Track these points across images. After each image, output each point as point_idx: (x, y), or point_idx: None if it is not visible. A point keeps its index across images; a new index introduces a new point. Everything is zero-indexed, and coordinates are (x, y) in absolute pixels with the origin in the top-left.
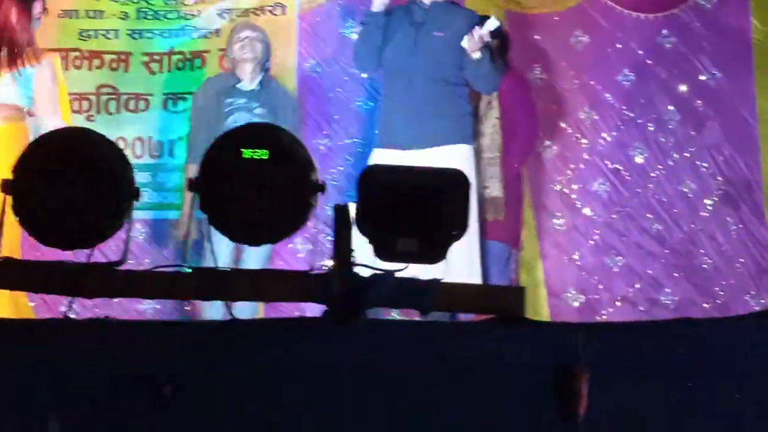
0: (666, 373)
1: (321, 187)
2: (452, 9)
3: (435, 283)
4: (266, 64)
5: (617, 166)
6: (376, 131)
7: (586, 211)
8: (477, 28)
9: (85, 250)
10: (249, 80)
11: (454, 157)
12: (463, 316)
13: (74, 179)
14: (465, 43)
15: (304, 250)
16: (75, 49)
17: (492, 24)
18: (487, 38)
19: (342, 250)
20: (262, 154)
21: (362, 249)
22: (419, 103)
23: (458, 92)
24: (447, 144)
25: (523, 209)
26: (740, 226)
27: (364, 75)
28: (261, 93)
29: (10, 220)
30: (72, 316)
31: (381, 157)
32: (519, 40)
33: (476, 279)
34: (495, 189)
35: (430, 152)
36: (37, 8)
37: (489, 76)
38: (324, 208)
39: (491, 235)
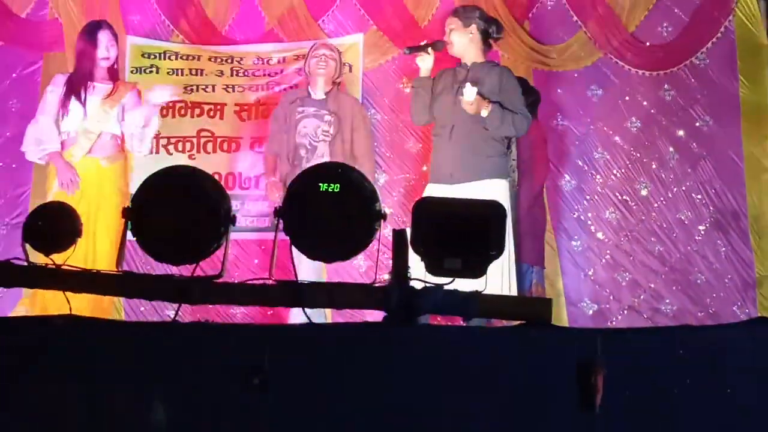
0: (668, 370)
1: (383, 216)
2: (488, 67)
3: (476, 294)
4: (338, 78)
5: (626, 197)
6: (424, 168)
7: (600, 234)
8: (460, 98)
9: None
10: (319, 91)
11: (492, 189)
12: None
13: (182, 208)
14: (465, 108)
15: (365, 265)
16: (181, 101)
17: (468, 92)
18: (476, 103)
19: (399, 266)
20: (334, 187)
21: (416, 266)
22: (461, 146)
23: (493, 135)
24: (486, 179)
25: (543, 231)
26: (729, 247)
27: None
28: (328, 101)
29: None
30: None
31: (433, 190)
32: (545, 93)
33: (508, 291)
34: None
35: (472, 185)
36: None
37: (506, 123)
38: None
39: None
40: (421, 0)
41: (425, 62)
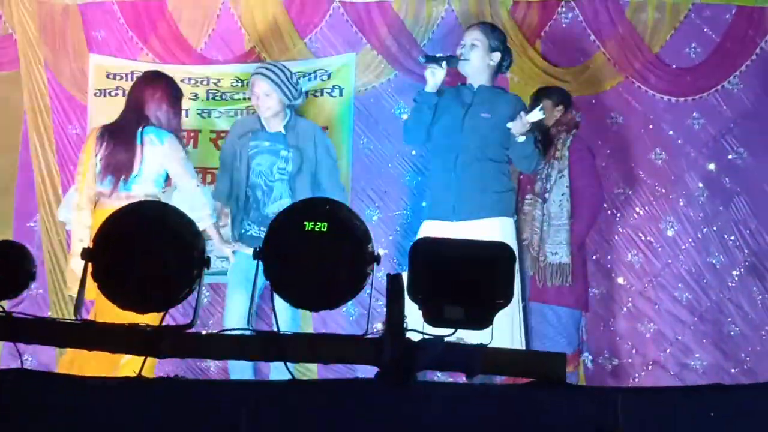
0: None
1: (376, 258)
2: (499, 93)
3: (480, 347)
4: (294, 102)
5: (650, 238)
6: (424, 204)
7: (621, 280)
8: (523, 114)
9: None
10: (274, 125)
11: (497, 229)
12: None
13: (150, 249)
14: (512, 125)
15: (356, 313)
16: None
17: (537, 115)
18: (529, 125)
19: (394, 315)
20: (321, 226)
21: (413, 315)
22: (465, 178)
23: (502, 169)
24: (490, 217)
25: (587, 272)
26: (765, 295)
27: (413, 152)
28: (285, 134)
29: None
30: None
31: (430, 228)
32: None
33: (519, 344)
34: (563, 255)
35: (474, 224)
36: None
37: (531, 157)
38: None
39: (558, 300)
40: (420, 15)
41: (436, 76)
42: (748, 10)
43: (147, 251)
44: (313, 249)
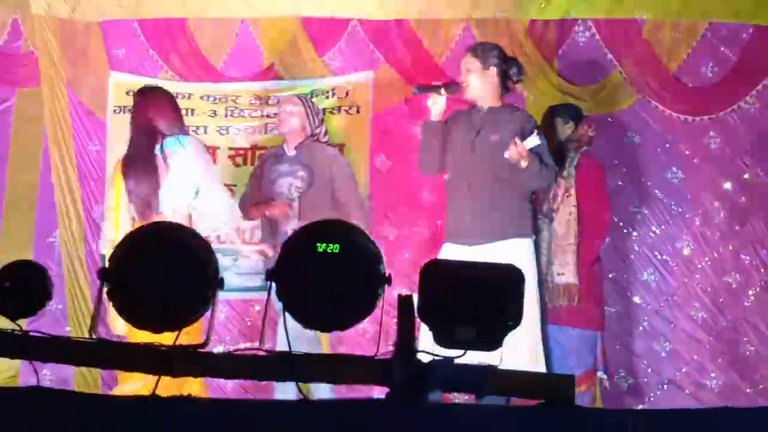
0: None
1: (387, 280)
2: (508, 112)
3: (490, 369)
4: (316, 131)
5: (666, 257)
6: (439, 222)
7: (636, 299)
8: (518, 141)
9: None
10: (290, 147)
11: (516, 250)
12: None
13: (165, 269)
14: (508, 155)
15: (372, 330)
16: None
17: (532, 141)
18: (525, 151)
19: (404, 336)
20: (334, 248)
21: (423, 336)
22: (480, 202)
23: (516, 191)
24: (508, 239)
25: (602, 292)
26: None
27: None
28: (300, 155)
29: None
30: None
31: (449, 251)
32: None
33: (539, 365)
34: (570, 275)
35: (492, 246)
36: None
37: (539, 177)
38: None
39: (568, 321)
40: (437, 34)
41: (437, 104)
42: (764, 28)
43: (162, 271)
44: (325, 270)
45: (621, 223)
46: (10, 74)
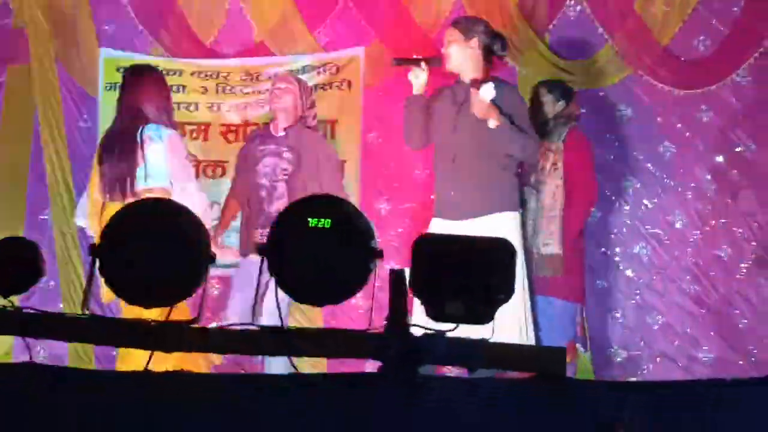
0: None
1: (379, 254)
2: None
3: (482, 342)
4: (306, 113)
5: (657, 230)
6: (432, 196)
7: (628, 272)
8: (473, 92)
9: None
10: (279, 128)
11: (502, 224)
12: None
13: (156, 245)
14: (474, 110)
15: (365, 305)
16: None
17: (487, 91)
18: (486, 103)
19: (397, 311)
20: (325, 222)
21: (415, 310)
22: (465, 176)
23: (501, 164)
24: (494, 212)
25: (584, 265)
26: None
27: None
28: (288, 137)
29: None
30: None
31: (438, 226)
32: None
33: (528, 338)
34: (555, 246)
35: (480, 221)
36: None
37: (510, 142)
38: (384, 267)
39: (552, 292)
40: (429, 9)
41: (418, 78)
42: (755, 2)
43: (153, 247)
44: (316, 245)
45: (613, 197)
46: (0, 51)
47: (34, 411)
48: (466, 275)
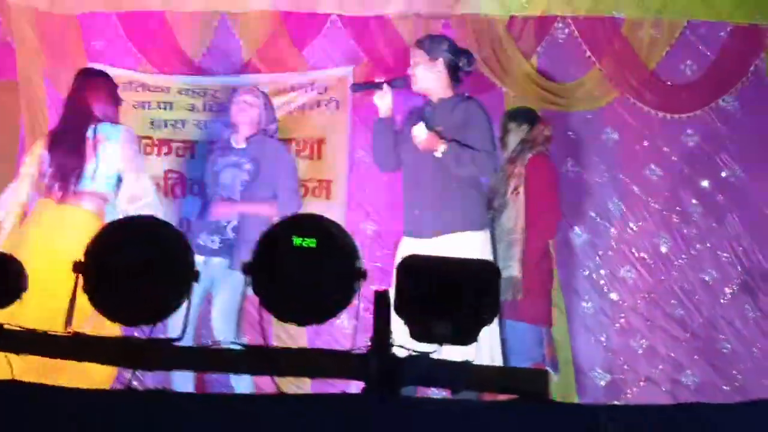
0: None
1: (363, 274)
2: (455, 101)
3: (465, 364)
4: (268, 127)
5: (643, 254)
6: None
7: (613, 295)
8: (412, 129)
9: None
10: (240, 139)
11: (469, 243)
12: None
13: (140, 262)
14: (417, 144)
15: (350, 325)
16: (147, 137)
17: (418, 131)
18: (424, 139)
19: (380, 331)
20: (310, 242)
21: (399, 331)
22: (431, 195)
23: (466, 182)
24: (458, 231)
25: (551, 288)
26: (758, 313)
27: None
28: (249, 150)
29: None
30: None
31: (407, 244)
32: (555, 135)
33: (496, 361)
34: (514, 269)
35: (446, 239)
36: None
37: (458, 164)
38: (369, 287)
39: (514, 315)
40: (417, 30)
41: (383, 101)
42: (742, 28)
43: (137, 264)
44: (301, 264)
45: (599, 219)
46: None
47: (14, 428)
48: (451, 296)
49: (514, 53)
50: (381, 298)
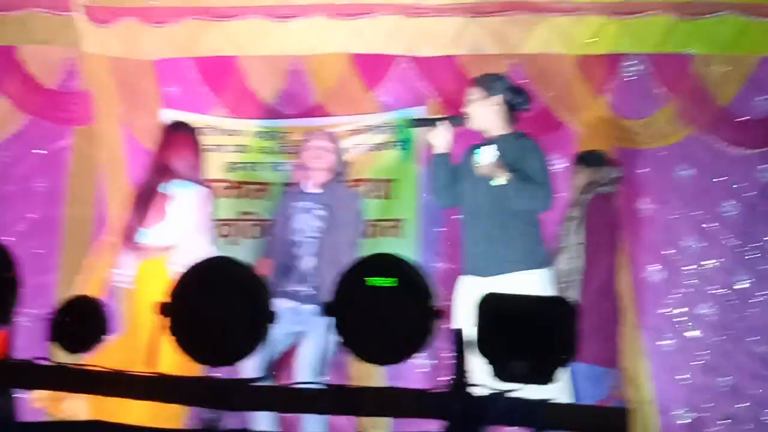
0: None
1: (439, 314)
2: (512, 138)
3: (545, 402)
4: (340, 174)
5: (721, 290)
6: None
7: (694, 333)
8: (474, 156)
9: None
10: (313, 185)
11: (530, 282)
12: None
13: (221, 304)
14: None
15: (424, 364)
16: (222, 180)
17: (487, 152)
18: (487, 165)
19: (459, 370)
20: (391, 282)
21: (480, 369)
22: (490, 234)
23: (525, 220)
24: (522, 270)
25: (617, 329)
26: None
27: None
28: (323, 195)
29: None
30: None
31: (466, 284)
32: (628, 172)
33: (567, 397)
34: None
35: (507, 278)
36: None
37: (518, 196)
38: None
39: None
40: (486, 69)
41: (437, 139)
42: None
43: (217, 306)
44: (379, 304)
45: (676, 257)
46: (67, 112)
47: None
48: (531, 334)
49: (584, 91)
50: (458, 336)
